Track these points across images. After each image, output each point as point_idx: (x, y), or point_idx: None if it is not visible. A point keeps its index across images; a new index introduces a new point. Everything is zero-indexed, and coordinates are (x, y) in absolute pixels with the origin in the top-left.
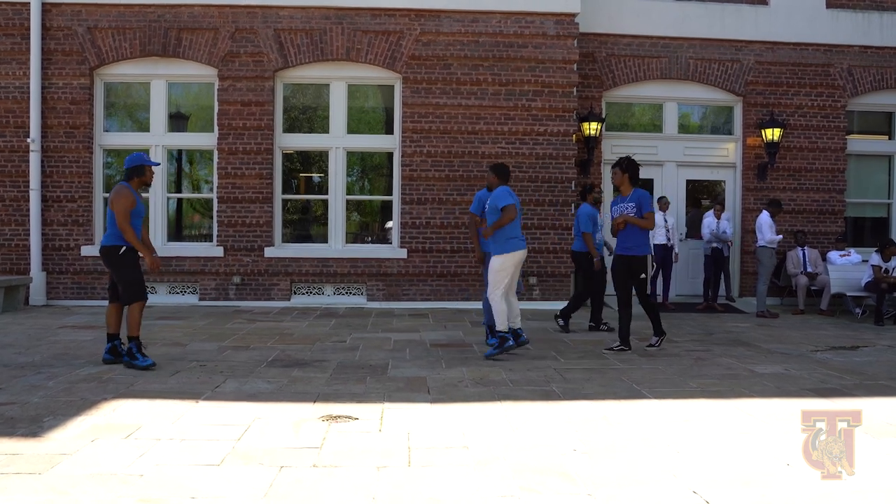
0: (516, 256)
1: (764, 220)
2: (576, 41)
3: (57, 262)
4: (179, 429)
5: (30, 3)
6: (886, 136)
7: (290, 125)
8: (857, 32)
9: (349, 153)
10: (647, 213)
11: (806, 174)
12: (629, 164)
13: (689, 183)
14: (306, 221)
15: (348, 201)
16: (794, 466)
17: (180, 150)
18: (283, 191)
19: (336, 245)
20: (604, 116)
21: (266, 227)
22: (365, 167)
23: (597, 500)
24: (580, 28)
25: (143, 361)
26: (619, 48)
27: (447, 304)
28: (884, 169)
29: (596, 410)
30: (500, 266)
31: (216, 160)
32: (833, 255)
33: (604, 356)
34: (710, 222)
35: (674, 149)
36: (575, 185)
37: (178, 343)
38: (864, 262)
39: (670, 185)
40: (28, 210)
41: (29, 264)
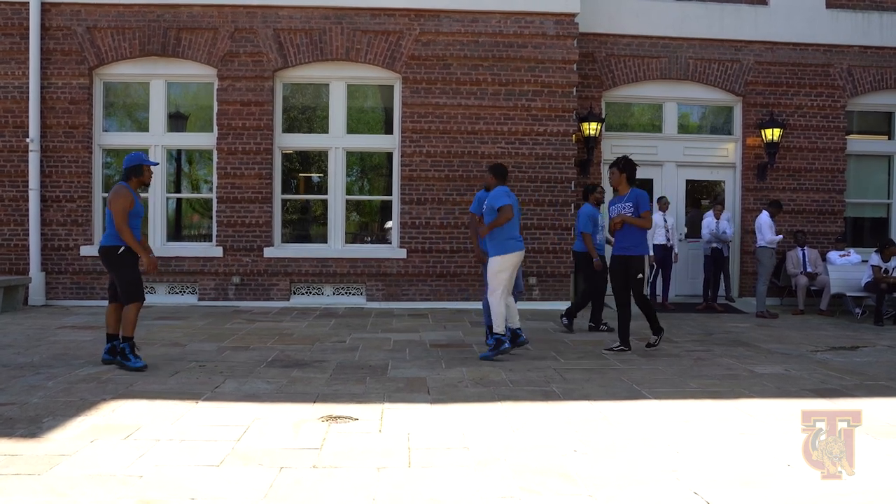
0: (514, 258)
1: (764, 220)
2: (575, 41)
3: (56, 263)
4: (179, 429)
5: (29, 2)
6: (886, 137)
7: (289, 125)
8: (856, 32)
9: (349, 153)
10: (644, 213)
11: (805, 174)
12: (626, 163)
13: (688, 183)
14: (306, 221)
15: (348, 201)
16: (795, 467)
17: (179, 150)
18: (282, 191)
19: (335, 245)
20: (603, 116)
21: (265, 227)
22: (364, 167)
23: (597, 500)
24: (580, 28)
25: (135, 363)
26: (618, 48)
27: (447, 305)
28: (883, 169)
29: (596, 411)
30: (498, 267)
31: (215, 160)
32: (833, 255)
33: (604, 356)
34: (709, 222)
35: (673, 149)
36: (575, 185)
37: (178, 343)
38: (863, 262)
39: (670, 186)
40: (27, 210)
41: (28, 264)
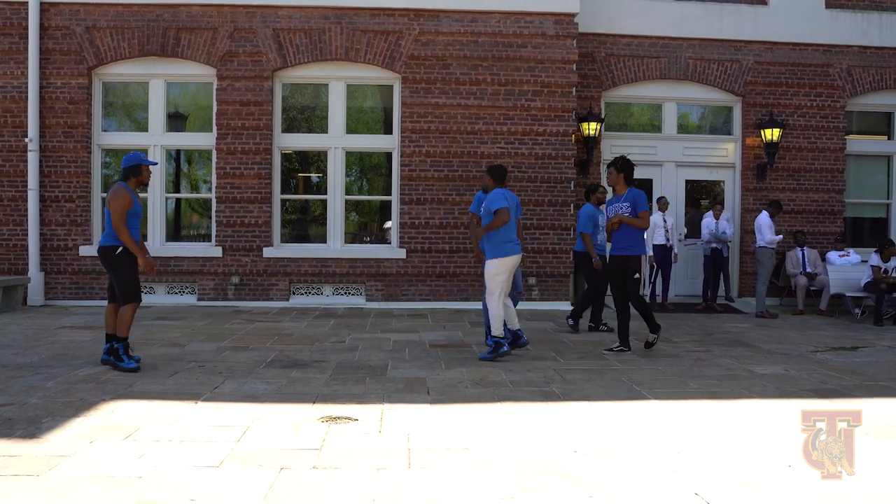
0: (511, 261)
1: (763, 220)
2: (575, 41)
3: (55, 263)
4: (178, 430)
5: (28, 2)
6: (885, 137)
7: (288, 125)
8: (856, 32)
9: (348, 153)
10: (641, 213)
11: (805, 174)
12: (624, 163)
13: (688, 183)
14: (305, 221)
15: (347, 201)
16: (795, 467)
17: (179, 150)
18: (281, 191)
19: (335, 245)
20: (603, 116)
21: (265, 227)
22: (364, 167)
23: (597, 501)
24: (579, 28)
25: (128, 364)
26: (618, 48)
27: (446, 305)
28: (883, 169)
29: (596, 411)
30: (495, 270)
31: (215, 160)
32: (832, 255)
33: (603, 357)
34: (709, 223)
35: (673, 149)
36: (574, 185)
37: (177, 343)
38: (863, 262)
39: (669, 186)
40: (26, 210)
41: (27, 264)
